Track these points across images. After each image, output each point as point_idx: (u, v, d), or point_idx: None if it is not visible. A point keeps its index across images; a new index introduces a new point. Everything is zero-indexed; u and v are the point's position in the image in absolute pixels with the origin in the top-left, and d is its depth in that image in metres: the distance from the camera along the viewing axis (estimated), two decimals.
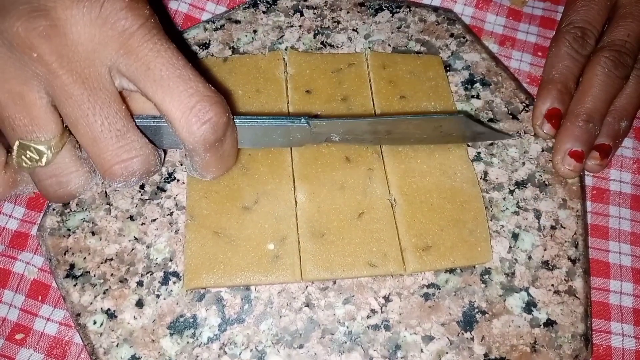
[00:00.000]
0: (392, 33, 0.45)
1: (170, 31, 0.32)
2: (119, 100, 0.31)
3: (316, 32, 0.45)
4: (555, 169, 0.40)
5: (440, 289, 0.36)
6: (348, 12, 0.46)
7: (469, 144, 0.41)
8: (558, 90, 0.40)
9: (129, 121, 0.31)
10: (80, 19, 0.29)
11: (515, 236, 0.38)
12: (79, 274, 0.36)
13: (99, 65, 0.30)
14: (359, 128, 0.36)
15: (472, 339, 0.35)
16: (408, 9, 0.46)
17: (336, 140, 0.37)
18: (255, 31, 0.45)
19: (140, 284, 0.36)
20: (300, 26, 0.45)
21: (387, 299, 0.35)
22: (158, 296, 0.35)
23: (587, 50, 0.42)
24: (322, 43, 0.45)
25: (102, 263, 0.36)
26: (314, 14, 0.46)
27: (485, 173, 0.40)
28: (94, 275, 0.36)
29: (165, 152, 0.36)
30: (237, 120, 0.34)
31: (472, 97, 0.43)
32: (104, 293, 0.35)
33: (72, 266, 0.36)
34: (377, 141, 0.38)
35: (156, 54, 0.30)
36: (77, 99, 0.29)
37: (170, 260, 0.36)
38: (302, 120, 0.35)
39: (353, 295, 0.35)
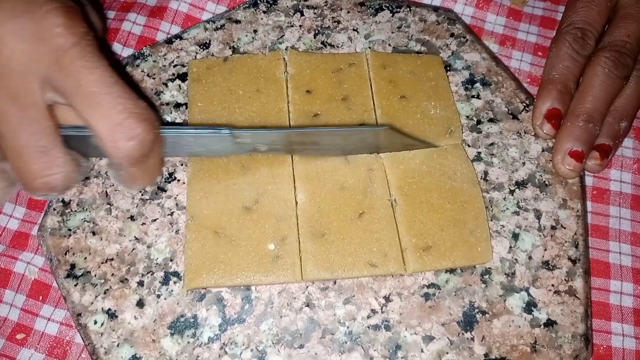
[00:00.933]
0: (393, 33, 0.45)
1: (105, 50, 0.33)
2: (46, 116, 0.31)
3: (316, 32, 0.45)
4: (555, 169, 0.40)
5: (440, 289, 0.36)
6: (348, 12, 0.46)
7: (469, 144, 0.41)
8: (558, 90, 0.40)
9: (55, 138, 0.31)
10: (15, 35, 0.29)
11: (515, 236, 0.38)
12: (80, 274, 0.36)
13: (31, 80, 0.30)
14: (284, 139, 0.36)
15: (473, 339, 0.35)
16: (408, 9, 0.46)
17: (263, 151, 0.37)
18: (255, 31, 0.45)
19: (140, 284, 0.36)
20: (300, 26, 0.45)
21: (387, 299, 0.35)
22: (159, 296, 0.35)
23: (587, 51, 0.42)
24: (322, 43, 0.45)
25: (102, 263, 0.36)
26: (314, 13, 0.46)
27: (486, 173, 0.40)
28: (95, 275, 0.36)
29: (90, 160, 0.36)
30: (160, 130, 0.34)
31: (473, 97, 0.43)
32: (105, 293, 0.35)
33: (72, 266, 0.36)
34: (306, 151, 0.38)
35: (88, 71, 0.30)
36: (6, 115, 0.30)
37: (171, 260, 0.36)
38: (225, 130, 0.35)
39: (353, 295, 0.35)
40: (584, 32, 0.42)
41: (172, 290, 0.35)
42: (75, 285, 0.36)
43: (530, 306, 0.36)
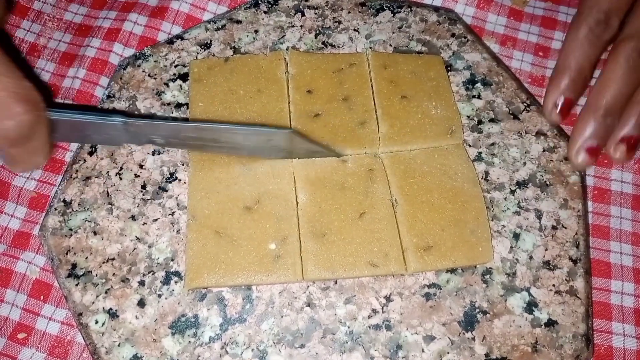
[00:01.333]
0: (393, 33, 0.45)
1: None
2: None
3: (317, 32, 0.45)
4: (569, 159, 0.39)
5: (441, 289, 0.36)
6: (349, 12, 0.46)
7: (470, 144, 0.41)
8: (571, 79, 0.39)
9: None
10: None
11: (516, 236, 0.38)
12: (81, 273, 0.36)
13: None
14: (181, 132, 0.35)
15: (473, 339, 0.35)
16: (409, 9, 0.46)
17: (161, 143, 0.36)
18: (256, 31, 0.45)
19: (141, 283, 0.36)
20: (301, 26, 0.45)
21: (388, 298, 0.35)
22: (160, 296, 0.35)
23: (609, 35, 0.39)
24: (323, 43, 0.45)
25: (103, 263, 0.36)
26: (315, 14, 0.46)
27: (487, 173, 0.40)
28: (96, 275, 0.36)
29: None
30: (48, 113, 0.32)
31: (473, 97, 0.43)
32: (106, 293, 0.35)
33: (74, 266, 0.36)
34: (206, 149, 0.37)
35: None
36: None
37: (172, 260, 0.36)
38: (116, 118, 0.34)
39: (354, 295, 0.35)
40: (608, 15, 0.39)
41: (173, 290, 0.36)
42: (77, 285, 0.36)
43: (531, 306, 0.36)
